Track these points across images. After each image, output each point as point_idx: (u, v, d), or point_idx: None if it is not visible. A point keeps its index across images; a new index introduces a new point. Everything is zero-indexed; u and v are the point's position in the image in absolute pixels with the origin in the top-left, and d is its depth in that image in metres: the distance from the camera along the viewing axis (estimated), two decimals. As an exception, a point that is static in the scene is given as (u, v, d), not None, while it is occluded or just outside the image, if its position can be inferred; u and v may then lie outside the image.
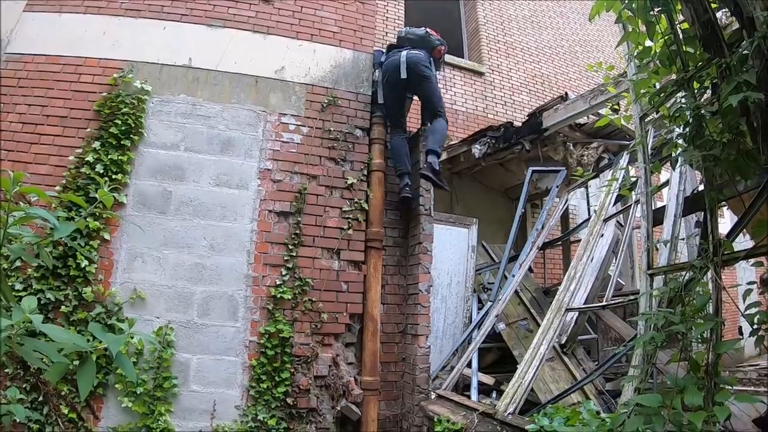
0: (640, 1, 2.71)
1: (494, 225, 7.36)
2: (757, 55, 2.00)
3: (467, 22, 9.25)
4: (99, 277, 3.82)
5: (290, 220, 4.33)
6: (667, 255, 3.08)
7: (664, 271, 2.69)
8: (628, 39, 2.98)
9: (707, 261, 2.23)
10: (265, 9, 4.92)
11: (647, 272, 2.73)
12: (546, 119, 5.43)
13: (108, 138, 4.06)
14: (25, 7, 4.54)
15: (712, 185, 2.41)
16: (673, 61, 2.66)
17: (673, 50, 2.64)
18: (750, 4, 2.05)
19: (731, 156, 2.25)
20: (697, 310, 2.18)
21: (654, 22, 2.71)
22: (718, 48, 2.30)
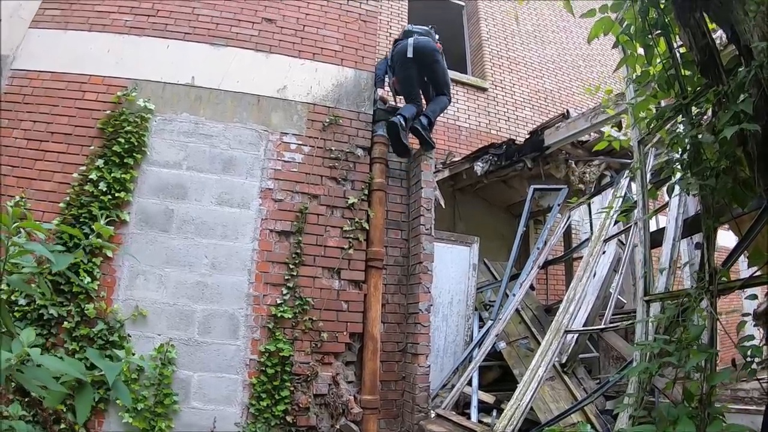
0: (638, 25, 2.78)
1: (497, 241, 7.43)
2: (754, 84, 2.03)
3: (470, 37, 9.39)
4: (101, 294, 3.90)
5: (291, 240, 4.40)
6: (665, 280, 3.13)
7: (660, 298, 2.75)
8: (626, 63, 3.06)
9: (702, 290, 2.30)
10: (268, 28, 5.03)
11: (644, 299, 2.79)
12: (548, 137, 5.53)
13: (111, 156, 4.16)
14: (30, 24, 4.67)
15: (710, 213, 2.46)
16: (672, 85, 2.72)
17: (671, 74, 2.71)
18: (747, 32, 2.09)
19: (728, 185, 2.31)
20: (692, 339, 2.24)
21: (652, 46, 2.79)
22: (715, 74, 2.35)
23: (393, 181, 5.01)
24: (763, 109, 2.01)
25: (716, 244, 2.45)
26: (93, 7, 4.78)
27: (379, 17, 5.71)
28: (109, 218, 4.00)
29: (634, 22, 2.79)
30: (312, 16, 5.23)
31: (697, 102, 2.54)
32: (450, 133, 7.82)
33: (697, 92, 2.52)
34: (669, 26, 2.68)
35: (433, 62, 4.98)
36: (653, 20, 2.75)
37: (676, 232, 3.39)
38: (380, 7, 6.03)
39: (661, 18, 2.71)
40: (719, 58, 2.36)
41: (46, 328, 3.70)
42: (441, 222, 5.45)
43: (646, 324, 2.70)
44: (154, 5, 4.88)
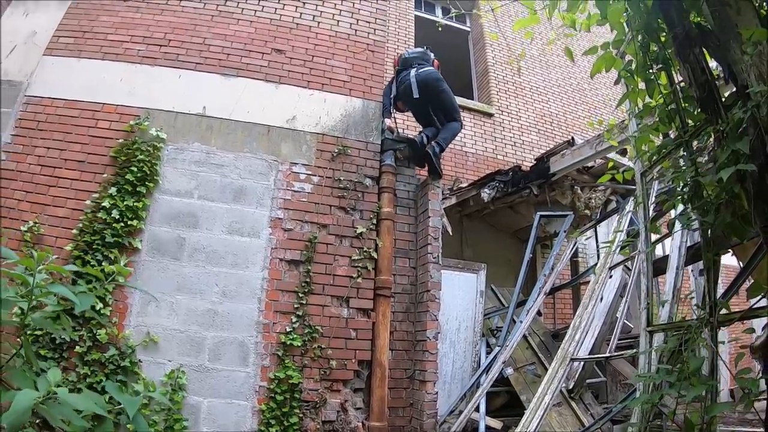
0: (639, 59, 2.89)
1: (504, 267, 7.54)
2: (751, 123, 2.10)
3: (476, 63, 9.62)
4: (113, 320, 4.01)
5: (300, 269, 4.52)
6: (669, 310, 3.24)
7: (662, 329, 2.86)
8: (628, 98, 3.16)
9: (702, 322, 2.41)
10: (277, 58, 5.23)
11: (646, 329, 2.90)
12: (553, 164, 5.68)
13: (124, 184, 4.30)
14: (45, 51, 4.86)
15: (710, 247, 2.54)
16: (673, 119, 2.82)
17: (672, 108, 2.81)
18: (744, 71, 2.15)
19: (726, 219, 2.40)
20: (693, 371, 2.34)
21: (653, 80, 2.89)
22: (715, 109, 2.41)
23: (401, 209, 5.13)
24: (760, 149, 2.07)
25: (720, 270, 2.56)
26: (106, 36, 4.97)
27: (386, 46, 5.91)
28: (121, 245, 4.14)
29: (635, 56, 2.90)
30: (320, 46, 5.43)
31: (698, 136, 2.63)
32: (457, 159, 7.99)
33: (698, 128, 2.61)
34: (669, 60, 2.77)
35: (439, 93, 5.21)
36: (654, 54, 2.86)
37: (679, 260, 3.49)
38: (387, 36, 6.23)
39: (661, 52, 2.81)
40: (718, 94, 2.44)
41: (58, 351, 3.80)
42: (448, 248, 5.57)
43: (649, 354, 2.80)
44: (166, 35, 5.08)
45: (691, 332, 2.42)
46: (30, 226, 4.09)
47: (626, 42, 2.92)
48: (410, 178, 5.30)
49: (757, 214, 2.15)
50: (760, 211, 2.13)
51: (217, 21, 5.28)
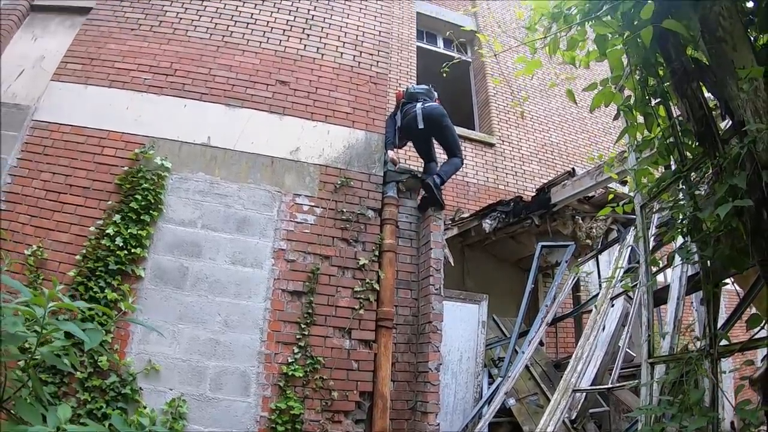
0: (638, 94, 2.99)
1: (506, 296, 7.60)
2: (748, 158, 2.17)
3: (477, 93, 9.84)
4: (115, 347, 4.06)
5: (303, 300, 4.58)
6: (670, 341, 3.30)
7: (663, 360, 2.94)
8: (628, 133, 3.24)
9: (703, 354, 2.49)
10: (282, 90, 5.38)
11: (648, 361, 2.98)
12: (554, 195, 5.81)
13: (128, 212, 4.39)
14: (52, 76, 5.01)
15: (709, 279, 2.61)
16: (671, 152, 2.92)
17: (671, 142, 2.90)
18: (741, 107, 2.24)
19: (725, 252, 2.46)
20: (694, 403, 2.41)
21: (652, 114, 2.98)
22: (712, 143, 2.51)
23: (403, 241, 5.20)
24: (757, 184, 2.14)
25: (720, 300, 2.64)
26: (113, 64, 5.13)
27: (388, 78, 6.09)
28: (124, 273, 4.21)
29: (633, 91, 3.01)
30: (324, 78, 5.58)
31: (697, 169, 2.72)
32: (458, 190, 8.13)
33: (696, 161, 2.70)
34: (668, 94, 2.88)
35: (443, 128, 5.40)
36: (652, 89, 2.97)
37: (680, 290, 3.53)
38: (390, 68, 6.43)
39: (660, 86, 2.92)
40: (716, 129, 2.54)
41: (58, 376, 3.82)
42: (450, 278, 5.65)
43: (651, 386, 2.87)
44: (173, 65, 5.24)
45: (692, 364, 2.50)
46: (34, 250, 4.16)
47: (624, 77, 3.02)
48: (412, 210, 5.38)
49: (755, 249, 2.21)
50: (758, 246, 2.20)
51: (222, 52, 5.45)
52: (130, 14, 5.51)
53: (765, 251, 2.10)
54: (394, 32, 9.14)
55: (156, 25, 5.47)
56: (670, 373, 2.71)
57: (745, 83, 2.16)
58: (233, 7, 5.77)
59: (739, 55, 2.25)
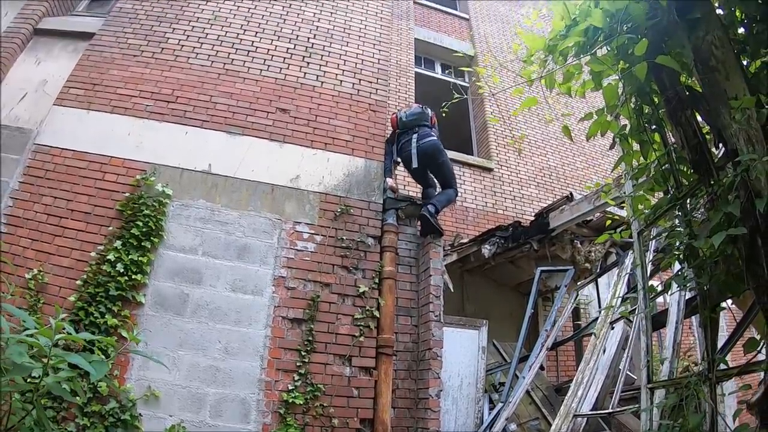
0: (633, 122, 3.08)
1: (506, 321, 7.67)
2: (742, 186, 2.23)
3: (475, 118, 10.03)
4: (115, 373, 4.08)
5: (303, 327, 4.61)
6: (669, 365, 3.35)
7: (663, 385, 3.00)
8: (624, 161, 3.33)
9: (701, 379, 2.55)
10: (282, 118, 5.49)
11: (647, 386, 3.04)
12: (553, 220, 5.91)
13: (129, 238, 4.44)
14: (55, 101, 5.13)
15: (706, 304, 2.68)
16: (667, 179, 2.99)
17: (666, 168, 2.98)
18: (734, 135, 2.31)
19: (721, 278, 2.52)
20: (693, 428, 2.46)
21: (647, 141, 3.06)
22: (707, 170, 2.58)
23: (403, 268, 5.26)
24: (750, 212, 2.20)
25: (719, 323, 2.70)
26: (115, 90, 5.24)
27: (388, 105, 6.22)
28: (124, 299, 4.26)
29: (629, 119, 3.10)
30: (324, 106, 5.70)
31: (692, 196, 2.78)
32: (457, 215, 8.24)
33: (691, 188, 2.77)
34: (663, 121, 2.97)
35: (439, 164, 5.54)
36: (647, 116, 3.05)
37: (679, 315, 3.56)
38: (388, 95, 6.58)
39: (655, 114, 3.01)
40: (710, 156, 2.61)
41: (58, 401, 3.83)
42: (450, 303, 5.72)
43: (651, 411, 2.92)
44: (174, 92, 5.36)
45: (690, 388, 2.56)
46: (34, 274, 4.21)
47: (620, 105, 3.10)
48: (412, 237, 5.46)
49: (750, 275, 2.26)
50: (753, 272, 2.25)
51: (223, 79, 5.57)
52: (132, 40, 5.65)
53: (760, 277, 2.15)
54: (393, 59, 9.33)
55: (158, 52, 5.61)
56: (669, 398, 2.76)
57: (738, 113, 2.23)
58: (234, 35, 5.93)
59: (731, 84, 2.32)
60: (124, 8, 5.94)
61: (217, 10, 6.10)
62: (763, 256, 2.09)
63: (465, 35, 10.96)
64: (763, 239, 2.10)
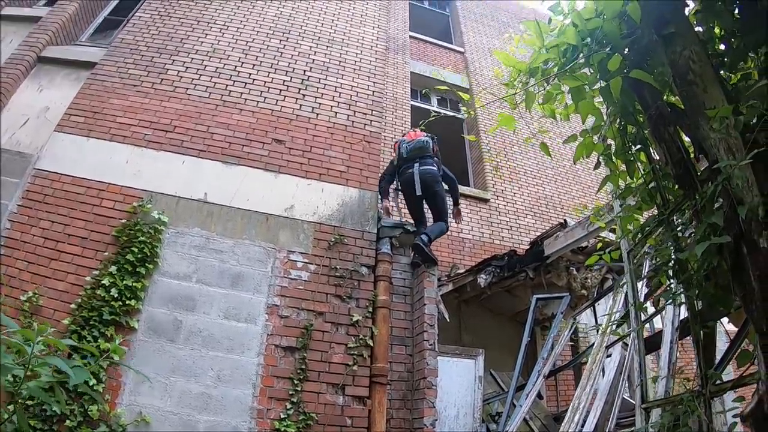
0: (618, 142, 3.16)
1: (504, 351, 7.64)
2: (724, 195, 2.27)
3: (471, 149, 10.21)
4: (106, 397, 4.08)
5: (296, 355, 4.62)
6: (665, 385, 3.31)
7: (657, 405, 3.01)
8: (610, 181, 3.41)
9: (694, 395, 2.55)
10: (277, 148, 5.62)
11: (641, 406, 3.06)
12: (547, 247, 5.99)
13: (124, 264, 4.51)
14: (56, 127, 5.28)
15: (697, 319, 2.71)
16: (654, 197, 3.06)
17: (652, 187, 3.05)
18: (714, 146, 2.35)
19: (710, 291, 2.54)
20: None
21: (633, 161, 3.14)
22: (691, 184, 2.63)
23: (397, 297, 5.29)
24: (734, 220, 2.22)
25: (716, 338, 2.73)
26: (115, 119, 5.40)
27: (382, 137, 6.37)
28: (118, 324, 4.30)
29: (614, 139, 3.17)
30: (319, 137, 5.84)
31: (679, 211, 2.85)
32: (454, 246, 8.31)
33: (677, 204, 2.83)
34: (647, 140, 3.03)
35: (434, 193, 5.62)
36: (632, 136, 3.13)
37: (673, 335, 3.59)
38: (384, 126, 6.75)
39: (639, 133, 3.09)
40: (694, 170, 2.67)
41: (48, 424, 3.83)
42: (446, 333, 5.74)
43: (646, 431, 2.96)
44: (172, 121, 5.51)
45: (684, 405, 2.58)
46: (29, 296, 4.26)
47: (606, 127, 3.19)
48: (406, 266, 5.50)
49: (737, 285, 2.27)
50: (739, 281, 2.25)
51: (221, 110, 5.74)
52: (133, 71, 5.85)
53: (746, 285, 2.16)
54: (389, 92, 9.58)
55: (157, 83, 5.80)
56: (664, 417, 2.78)
57: (716, 122, 2.28)
58: (232, 67, 6.14)
59: (709, 96, 2.38)
60: (126, 39, 6.18)
61: (215, 43, 6.35)
62: (749, 264, 2.12)
63: (461, 68, 11.24)
64: (748, 247, 2.12)
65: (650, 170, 3.06)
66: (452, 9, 13.46)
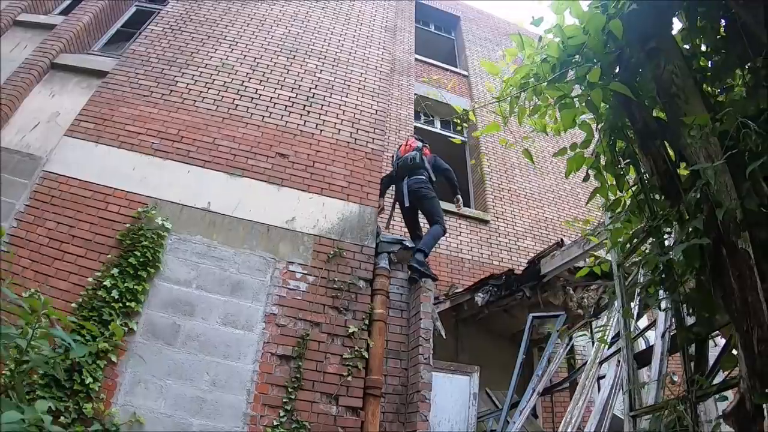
0: (608, 157, 3.27)
1: (500, 371, 7.59)
2: (704, 200, 2.37)
3: (473, 171, 10.36)
4: (101, 396, 4.12)
5: (291, 364, 4.67)
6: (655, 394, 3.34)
7: (645, 412, 3.07)
8: (598, 193, 3.51)
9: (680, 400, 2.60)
10: (281, 162, 5.76)
11: (630, 414, 3.11)
12: (544, 266, 6.07)
13: (126, 267, 4.61)
14: (66, 132, 5.46)
15: (682, 326, 2.80)
16: (642, 210, 3.16)
17: (641, 199, 3.15)
18: (694, 154, 2.46)
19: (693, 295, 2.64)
20: None
21: (622, 175, 3.26)
22: (676, 195, 2.74)
23: (394, 312, 5.35)
24: (713, 223, 2.33)
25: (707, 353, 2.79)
26: (124, 127, 5.57)
27: (384, 155, 6.51)
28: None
29: (603, 153, 3.29)
30: (322, 153, 6.00)
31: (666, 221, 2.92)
32: (453, 265, 8.40)
33: (664, 213, 2.91)
34: (636, 154, 3.13)
35: (421, 197, 5.82)
36: (622, 150, 3.25)
37: (663, 347, 3.64)
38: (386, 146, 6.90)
39: (629, 148, 3.19)
40: (678, 180, 2.78)
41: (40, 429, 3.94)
42: (443, 353, 5.76)
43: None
44: (180, 132, 5.68)
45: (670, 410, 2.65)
46: (31, 293, 4.28)
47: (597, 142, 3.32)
48: (403, 282, 5.58)
49: (717, 286, 2.38)
50: (719, 282, 2.36)
51: (227, 123, 5.91)
52: (143, 81, 6.05)
53: (726, 286, 2.24)
54: (393, 112, 9.76)
55: (167, 94, 5.99)
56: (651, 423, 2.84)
57: (695, 129, 2.39)
58: (240, 82, 6.33)
59: (690, 107, 2.51)
60: (137, 51, 6.40)
61: (224, 58, 6.55)
62: (728, 265, 2.20)
63: (464, 91, 11.44)
64: (727, 249, 2.21)
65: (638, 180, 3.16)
66: (458, 33, 13.77)
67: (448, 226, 8.40)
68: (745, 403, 2.02)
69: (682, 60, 2.61)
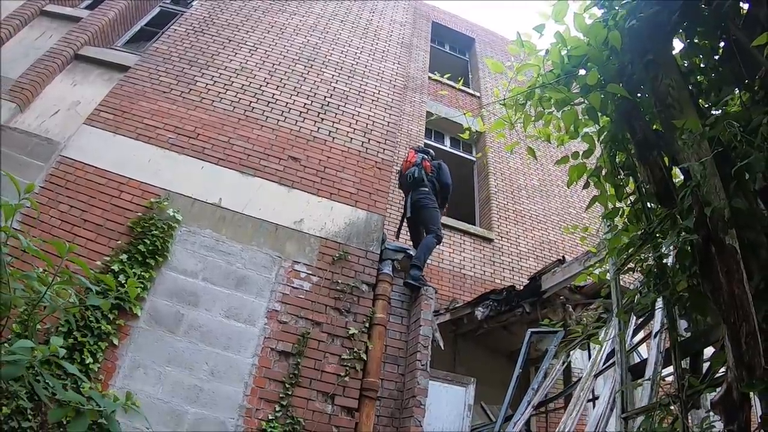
0: (609, 167, 3.38)
1: (497, 388, 7.60)
2: (695, 200, 2.47)
3: (480, 190, 10.48)
4: (100, 377, 4.21)
5: (290, 361, 4.74)
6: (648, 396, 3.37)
7: (636, 413, 3.10)
8: (597, 201, 3.61)
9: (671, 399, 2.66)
10: (293, 165, 5.92)
11: (621, 416, 3.15)
12: (545, 282, 6.13)
13: (135, 254, 4.73)
14: (85, 120, 5.64)
15: (674, 326, 2.87)
16: (640, 218, 3.25)
17: (638, 208, 3.25)
18: (686, 158, 2.55)
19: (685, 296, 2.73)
20: None
21: (621, 186, 3.36)
22: (671, 200, 2.83)
23: (394, 318, 5.44)
24: (703, 222, 2.41)
25: None
26: (142, 120, 5.76)
27: (393, 166, 6.65)
28: (122, 309, 4.44)
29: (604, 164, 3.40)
30: (333, 159, 6.15)
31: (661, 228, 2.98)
32: (455, 281, 8.47)
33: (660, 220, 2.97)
34: (635, 165, 3.23)
35: (420, 207, 5.99)
36: (622, 162, 3.35)
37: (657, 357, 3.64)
38: (396, 157, 7.04)
39: (629, 160, 3.30)
40: (674, 187, 2.88)
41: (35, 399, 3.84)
42: (441, 366, 5.79)
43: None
44: (196, 129, 5.86)
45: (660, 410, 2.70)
46: (39, 272, 4.44)
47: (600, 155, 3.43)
48: (405, 289, 5.66)
49: (706, 281, 2.45)
50: (709, 278, 2.43)
51: (242, 124, 6.09)
52: (164, 78, 6.26)
53: (714, 281, 2.32)
54: (404, 128, 9.92)
55: (186, 92, 6.19)
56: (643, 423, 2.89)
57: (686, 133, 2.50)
58: (257, 86, 6.54)
59: (684, 116, 2.62)
60: (160, 49, 6.62)
61: (244, 62, 6.77)
62: (717, 261, 2.29)
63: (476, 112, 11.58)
64: (716, 246, 2.30)
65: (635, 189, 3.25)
66: (471, 54, 14.03)
67: (453, 242, 8.54)
68: (732, 392, 2.07)
69: (679, 74, 2.73)
